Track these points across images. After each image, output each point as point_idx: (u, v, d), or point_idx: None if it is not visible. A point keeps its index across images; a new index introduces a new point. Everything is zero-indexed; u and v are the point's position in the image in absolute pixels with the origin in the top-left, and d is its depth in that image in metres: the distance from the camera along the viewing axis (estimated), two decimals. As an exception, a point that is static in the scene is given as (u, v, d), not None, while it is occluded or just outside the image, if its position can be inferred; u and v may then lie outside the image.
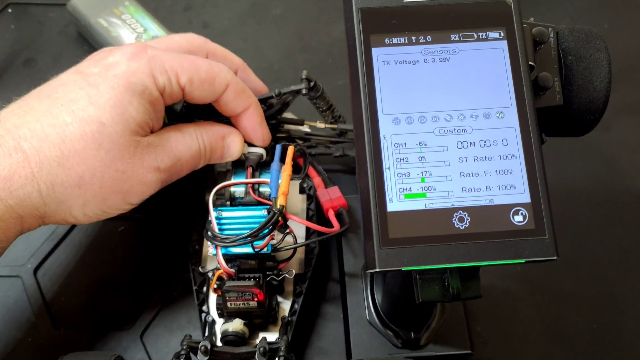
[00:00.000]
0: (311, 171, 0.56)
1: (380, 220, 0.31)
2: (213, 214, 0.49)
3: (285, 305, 0.52)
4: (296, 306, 0.51)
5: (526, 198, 0.32)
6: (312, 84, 0.54)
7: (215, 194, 0.53)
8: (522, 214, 0.32)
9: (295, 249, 0.49)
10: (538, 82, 0.37)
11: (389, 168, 0.32)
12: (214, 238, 0.47)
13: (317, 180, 0.56)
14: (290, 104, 0.55)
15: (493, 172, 0.32)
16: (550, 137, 0.42)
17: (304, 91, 0.53)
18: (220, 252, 0.48)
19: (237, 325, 0.48)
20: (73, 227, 0.59)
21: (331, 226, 0.50)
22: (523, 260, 0.31)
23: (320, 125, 0.57)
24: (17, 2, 0.72)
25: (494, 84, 0.33)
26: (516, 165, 0.32)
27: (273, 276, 0.49)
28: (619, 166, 0.61)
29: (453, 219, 0.31)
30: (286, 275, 0.50)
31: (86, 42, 0.69)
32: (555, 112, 0.39)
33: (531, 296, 0.55)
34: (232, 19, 0.71)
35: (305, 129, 0.59)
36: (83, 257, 0.57)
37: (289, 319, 0.50)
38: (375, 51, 0.33)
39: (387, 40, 0.34)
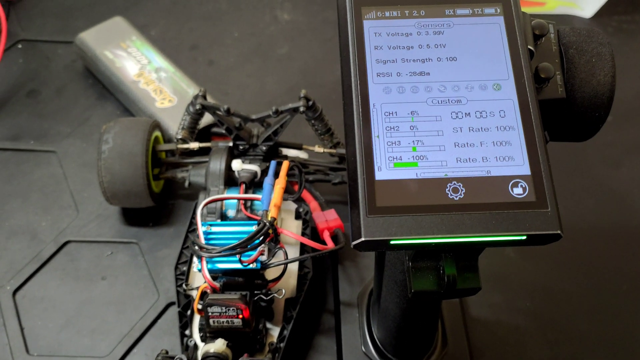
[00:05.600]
0: (307, 196, 0.54)
1: (367, 188, 0.29)
2: (200, 225, 0.46)
3: (274, 332, 0.48)
4: (285, 332, 0.47)
5: (526, 170, 0.29)
6: (310, 102, 0.53)
7: (207, 209, 0.51)
8: (521, 186, 0.29)
9: (285, 267, 0.46)
10: (539, 73, 0.35)
11: (378, 136, 0.30)
12: (199, 249, 0.45)
13: (313, 204, 0.54)
14: (288, 124, 0.54)
15: (490, 143, 0.30)
16: (556, 141, 0.40)
17: (301, 109, 0.52)
18: (205, 264, 0.45)
19: (219, 345, 0.44)
20: (59, 249, 0.56)
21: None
22: (524, 236, 0.28)
23: (319, 149, 0.56)
24: (27, 39, 0.74)
25: (490, 57, 0.32)
26: (514, 137, 0.30)
27: (261, 295, 0.46)
28: (631, 204, 0.58)
29: (447, 189, 0.29)
30: (275, 295, 0.46)
31: (91, 76, 0.70)
32: (558, 106, 0.37)
33: (542, 333, 0.51)
34: (237, 57, 0.72)
35: (304, 154, 0.57)
36: (66, 281, 0.54)
37: (278, 345, 0.47)
38: (367, 23, 0.32)
39: (379, 13, 0.32)
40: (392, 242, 0.28)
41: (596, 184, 0.60)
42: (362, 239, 0.28)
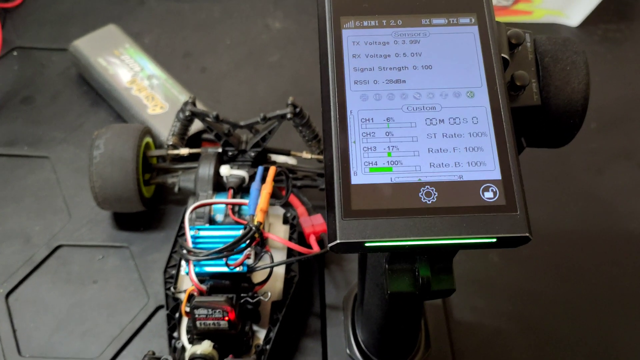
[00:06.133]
0: (295, 201, 0.55)
1: (343, 192, 0.30)
2: (188, 229, 0.47)
3: (261, 335, 0.49)
4: (271, 334, 0.48)
5: (496, 175, 0.30)
6: (297, 109, 0.54)
7: (196, 214, 0.52)
8: (492, 190, 0.30)
9: (271, 270, 0.47)
10: (515, 81, 0.36)
11: (354, 142, 0.31)
12: (187, 253, 0.46)
13: (300, 209, 0.54)
14: (275, 131, 0.55)
15: (462, 148, 0.31)
16: (532, 147, 0.41)
17: (289, 115, 0.53)
18: (192, 267, 0.46)
19: (205, 347, 0.45)
20: (51, 253, 0.57)
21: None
22: (494, 238, 0.29)
23: (307, 155, 0.57)
24: (23, 46, 0.75)
25: (464, 65, 0.33)
26: (486, 143, 0.31)
27: (248, 298, 0.47)
28: (614, 210, 0.59)
29: (420, 194, 0.30)
30: (261, 298, 0.47)
31: (85, 83, 0.71)
32: (534, 113, 0.38)
33: (524, 337, 0.52)
34: (229, 65, 0.73)
35: (292, 160, 0.58)
36: (57, 284, 0.55)
37: (264, 347, 0.48)
38: (345, 32, 0.33)
39: (357, 23, 0.33)
40: (366, 244, 0.29)
41: (580, 190, 0.61)
42: (337, 241, 0.29)
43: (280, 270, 0.51)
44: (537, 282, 0.55)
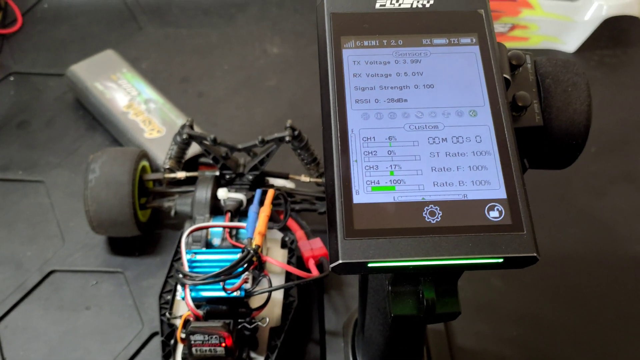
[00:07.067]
0: (293, 225, 0.54)
1: (345, 211, 0.29)
2: (184, 253, 0.46)
3: (258, 362, 0.47)
4: (270, 361, 0.47)
5: (502, 194, 0.30)
6: (296, 132, 0.53)
7: (192, 238, 0.51)
8: (497, 209, 0.29)
9: (269, 295, 0.46)
10: (516, 101, 0.36)
11: (356, 161, 0.30)
12: (183, 277, 0.45)
13: (299, 233, 0.54)
14: (274, 154, 0.54)
15: (466, 167, 0.30)
16: (535, 168, 0.40)
17: (287, 138, 0.53)
18: (188, 291, 0.45)
19: (202, 374, 0.44)
20: (43, 279, 0.56)
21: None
22: (500, 259, 0.28)
23: (305, 179, 0.56)
24: (19, 72, 0.75)
25: (466, 84, 0.32)
26: (490, 162, 0.31)
27: (245, 324, 0.46)
28: (616, 233, 0.59)
29: (424, 213, 0.29)
30: (259, 323, 0.46)
31: (82, 107, 0.70)
32: (536, 134, 0.37)
33: (528, 364, 0.50)
34: (227, 90, 0.73)
35: (290, 184, 0.57)
36: (49, 311, 0.54)
37: (262, 375, 0.46)
38: (346, 52, 0.33)
39: (357, 43, 0.33)
40: (369, 265, 0.29)
41: (581, 213, 0.61)
42: (340, 261, 0.28)
43: (278, 296, 0.50)
44: (540, 307, 0.54)
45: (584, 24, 0.74)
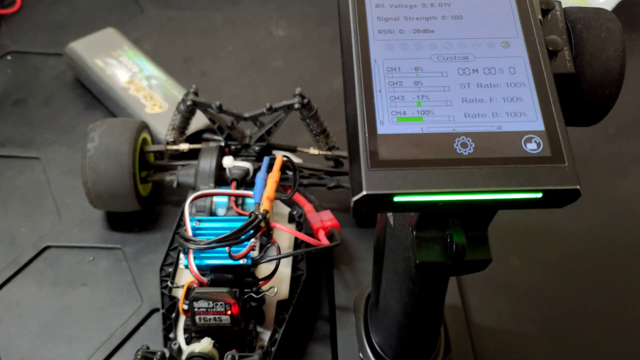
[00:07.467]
0: (301, 199, 0.52)
1: (369, 141, 0.27)
2: (188, 219, 0.43)
3: (265, 336, 0.45)
4: (277, 335, 0.44)
5: (539, 126, 0.27)
6: (305, 100, 0.51)
7: (196, 208, 0.48)
8: (535, 141, 0.27)
9: (277, 264, 0.43)
10: (547, 46, 0.34)
11: (380, 91, 0.28)
12: (186, 241, 0.42)
13: (307, 207, 0.51)
14: (282, 123, 0.52)
15: (500, 99, 0.28)
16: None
17: (296, 106, 0.50)
18: (192, 257, 0.42)
19: (205, 345, 0.41)
20: (38, 254, 0.53)
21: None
22: (540, 192, 0.26)
23: (314, 151, 0.54)
24: (17, 51, 0.72)
25: (497, 16, 0.30)
26: (526, 93, 0.28)
27: (251, 294, 0.43)
28: (637, 213, 0.56)
29: (455, 144, 0.27)
30: (267, 294, 0.43)
31: (80, 86, 0.68)
32: (567, 83, 0.35)
33: (550, 343, 0.48)
34: (231, 70, 0.70)
35: (297, 159, 0.55)
36: (44, 287, 0.51)
37: (269, 349, 0.43)
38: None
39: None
40: (395, 200, 0.26)
41: (602, 194, 0.58)
42: (364, 192, 0.26)
43: (286, 269, 0.47)
44: (559, 286, 0.51)
45: (599, 6, 0.73)
